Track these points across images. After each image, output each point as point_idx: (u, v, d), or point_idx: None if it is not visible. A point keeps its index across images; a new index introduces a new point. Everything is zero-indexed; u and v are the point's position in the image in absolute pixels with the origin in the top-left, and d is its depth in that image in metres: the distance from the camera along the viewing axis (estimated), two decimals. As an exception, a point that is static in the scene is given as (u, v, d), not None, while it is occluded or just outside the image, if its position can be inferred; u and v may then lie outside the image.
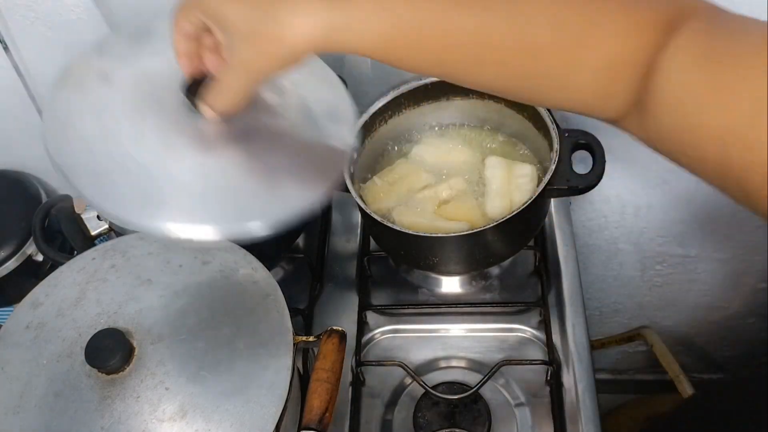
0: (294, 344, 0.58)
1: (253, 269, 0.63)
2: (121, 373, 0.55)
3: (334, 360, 0.58)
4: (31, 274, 0.94)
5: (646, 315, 1.29)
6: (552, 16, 0.41)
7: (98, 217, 0.76)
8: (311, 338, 0.61)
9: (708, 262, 1.13)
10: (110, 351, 0.54)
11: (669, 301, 1.25)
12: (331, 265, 0.88)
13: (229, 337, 0.57)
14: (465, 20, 0.41)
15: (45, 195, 0.99)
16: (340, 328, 0.61)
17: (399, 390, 0.77)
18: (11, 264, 0.92)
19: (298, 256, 0.88)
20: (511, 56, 0.42)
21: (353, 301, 0.83)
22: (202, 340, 0.57)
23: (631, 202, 1.04)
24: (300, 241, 0.90)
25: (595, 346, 1.33)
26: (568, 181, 0.69)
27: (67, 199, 0.77)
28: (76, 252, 0.73)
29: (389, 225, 0.69)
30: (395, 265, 0.86)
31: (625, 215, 1.06)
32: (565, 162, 0.69)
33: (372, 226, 0.75)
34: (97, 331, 0.56)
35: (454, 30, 0.41)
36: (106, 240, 0.73)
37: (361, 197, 0.74)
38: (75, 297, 0.61)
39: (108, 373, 0.55)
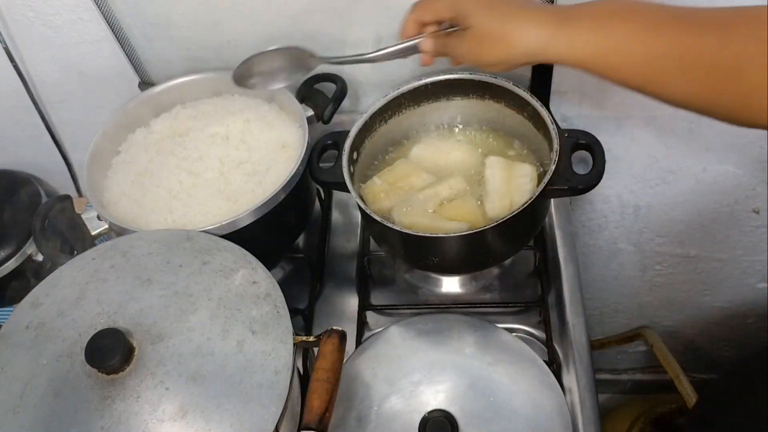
0: (294, 344, 0.58)
1: (253, 269, 0.63)
2: (121, 373, 0.55)
3: (334, 360, 0.58)
4: (31, 274, 0.94)
5: (646, 315, 1.29)
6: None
7: (98, 217, 0.76)
8: (311, 338, 0.61)
9: (708, 262, 1.13)
10: (110, 351, 0.54)
11: (669, 301, 1.25)
12: (331, 265, 0.88)
13: (229, 337, 0.57)
14: (659, 41, 0.51)
15: (45, 195, 0.99)
16: (340, 328, 0.61)
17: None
18: (11, 264, 0.92)
19: (298, 256, 0.88)
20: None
21: (353, 301, 0.83)
22: (202, 340, 0.57)
23: (631, 202, 1.04)
24: (300, 241, 0.90)
25: (595, 346, 1.33)
26: (568, 181, 0.69)
27: (67, 199, 0.77)
28: (76, 252, 0.72)
29: (389, 225, 0.69)
30: (395, 265, 0.86)
31: (625, 215, 1.06)
32: (565, 162, 0.69)
33: (372, 226, 0.75)
34: (97, 331, 0.56)
35: (651, 50, 0.51)
36: (106, 240, 0.72)
37: (361, 197, 0.74)
38: (75, 297, 0.61)
39: (108, 373, 0.55)
